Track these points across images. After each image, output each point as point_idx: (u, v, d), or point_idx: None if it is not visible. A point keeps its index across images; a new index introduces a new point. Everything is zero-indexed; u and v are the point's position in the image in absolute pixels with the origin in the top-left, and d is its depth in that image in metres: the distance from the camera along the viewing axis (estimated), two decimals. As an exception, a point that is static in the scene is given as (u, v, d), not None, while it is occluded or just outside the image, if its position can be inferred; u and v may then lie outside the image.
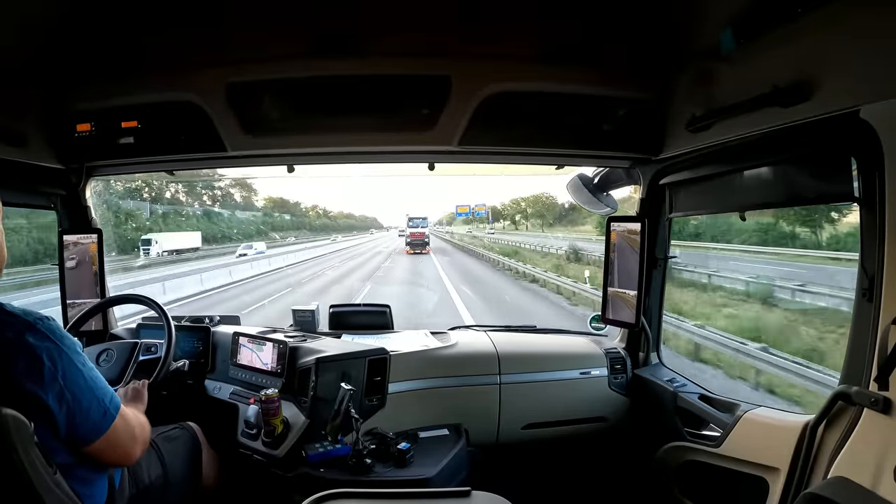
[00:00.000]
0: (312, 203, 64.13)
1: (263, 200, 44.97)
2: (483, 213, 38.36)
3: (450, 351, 2.02)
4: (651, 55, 1.55)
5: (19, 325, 0.98)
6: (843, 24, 0.98)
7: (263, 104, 1.63)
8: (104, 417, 1.06)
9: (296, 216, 51.27)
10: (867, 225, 1.13)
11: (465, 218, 44.24)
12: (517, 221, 41.50)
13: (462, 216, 42.50)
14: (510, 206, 43.00)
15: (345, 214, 76.44)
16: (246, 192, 39.20)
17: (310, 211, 58.46)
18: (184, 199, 32.08)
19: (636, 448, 1.95)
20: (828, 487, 1.06)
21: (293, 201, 52.63)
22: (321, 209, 63.10)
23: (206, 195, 34.19)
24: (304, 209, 55.68)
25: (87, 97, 1.65)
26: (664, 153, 1.66)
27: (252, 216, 38.33)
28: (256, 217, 39.26)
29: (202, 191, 33.29)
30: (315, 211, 60.38)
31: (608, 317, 1.98)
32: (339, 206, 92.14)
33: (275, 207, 47.57)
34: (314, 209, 60.26)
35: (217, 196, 35.46)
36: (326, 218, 63.21)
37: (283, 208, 49.61)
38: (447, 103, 1.58)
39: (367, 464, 1.57)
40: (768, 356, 5.36)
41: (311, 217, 57.42)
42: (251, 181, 47.00)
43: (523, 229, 39.06)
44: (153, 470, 1.40)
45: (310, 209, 58.58)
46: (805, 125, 1.14)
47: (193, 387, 1.97)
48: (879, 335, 1.04)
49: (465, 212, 38.22)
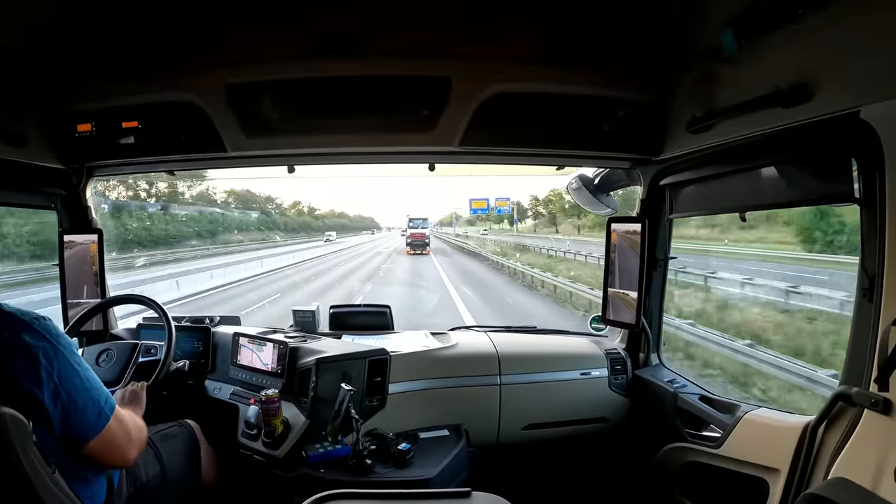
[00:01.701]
0: (293, 200, 54.88)
1: (224, 193, 35.97)
2: (506, 209, 31.08)
3: (450, 351, 2.02)
4: (652, 56, 1.55)
5: (16, 325, 0.98)
6: (843, 24, 0.98)
7: (264, 105, 1.63)
8: (99, 417, 1.06)
9: (266, 213, 42.22)
10: (867, 226, 1.13)
11: (480, 215, 36.59)
12: (555, 221, 33.17)
13: (478, 213, 34.01)
14: (545, 202, 35.01)
15: (336, 214, 69.64)
16: (195, 183, 29.63)
17: (290, 209, 50.93)
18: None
19: (636, 449, 1.95)
20: (828, 488, 1.06)
21: (263, 195, 43.33)
22: (304, 206, 55.09)
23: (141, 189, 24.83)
24: (278, 205, 46.82)
25: (87, 97, 1.65)
26: (665, 154, 1.66)
27: (198, 213, 29.07)
28: (204, 214, 29.61)
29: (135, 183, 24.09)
30: (297, 209, 52.91)
31: (608, 317, 1.98)
32: (330, 205, 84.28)
33: (238, 202, 38.91)
34: (296, 206, 52.80)
35: (160, 191, 26.26)
36: (312, 217, 55.39)
37: (249, 204, 40.37)
38: (447, 104, 1.58)
39: (367, 464, 1.57)
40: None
41: (291, 216, 49.60)
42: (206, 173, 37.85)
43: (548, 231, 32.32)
44: (151, 469, 1.40)
45: (290, 206, 51.19)
46: (806, 126, 1.14)
47: (193, 387, 1.97)
48: (880, 336, 1.04)
49: (483, 207, 29.63)
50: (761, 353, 5.51)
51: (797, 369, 4.94)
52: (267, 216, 41.74)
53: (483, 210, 30.77)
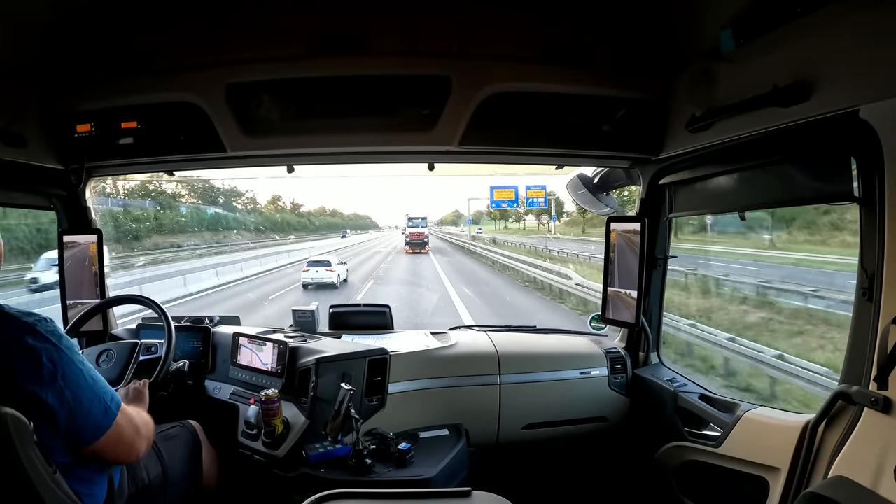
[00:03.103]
0: (273, 195, 47.61)
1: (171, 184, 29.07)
2: (540, 200, 22.35)
3: (450, 351, 2.02)
4: (651, 55, 1.55)
5: (19, 328, 0.99)
6: (842, 24, 0.98)
7: (263, 104, 1.62)
8: (106, 415, 1.07)
9: (230, 209, 34.00)
10: (867, 225, 1.13)
11: (507, 209, 28.73)
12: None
13: (501, 206, 25.80)
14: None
15: (329, 212, 64.21)
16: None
17: (269, 204, 45.12)
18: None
19: (636, 448, 1.95)
20: (828, 487, 1.06)
21: (227, 187, 34.89)
22: (285, 202, 48.34)
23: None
24: (251, 200, 40.07)
25: (86, 97, 1.65)
26: (664, 153, 1.66)
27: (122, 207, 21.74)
28: (130, 209, 22.27)
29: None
30: (275, 204, 46.67)
31: (608, 317, 1.98)
32: (320, 202, 76.05)
33: (193, 195, 31.12)
34: (274, 202, 46.75)
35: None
36: (295, 214, 48.44)
37: (209, 197, 32.35)
38: (447, 103, 1.58)
39: (367, 464, 1.57)
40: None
41: (268, 212, 42.88)
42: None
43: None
44: (152, 469, 1.40)
45: (269, 202, 45.44)
46: (805, 125, 1.14)
47: (193, 387, 1.97)
48: (879, 335, 1.04)
49: (509, 199, 21.66)
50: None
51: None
52: (230, 212, 33.71)
53: (510, 203, 23.27)
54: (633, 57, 1.57)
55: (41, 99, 1.62)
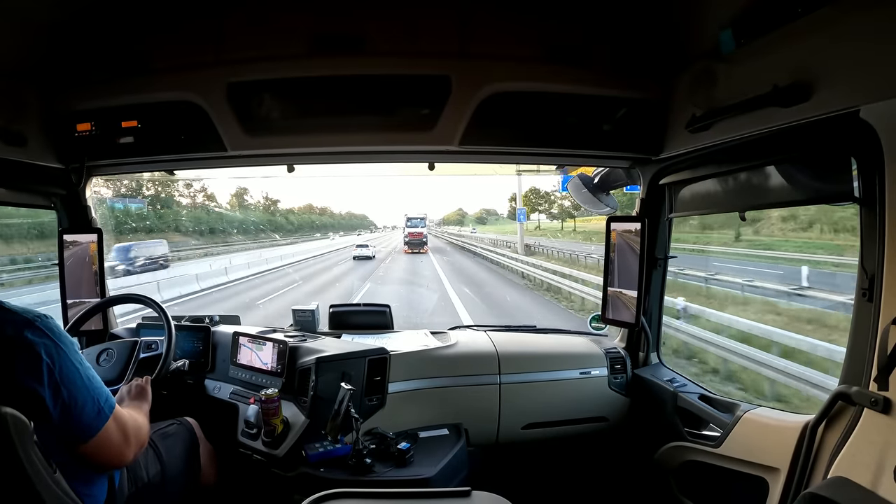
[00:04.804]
0: (239, 188, 43.37)
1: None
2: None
3: (450, 351, 2.02)
4: (651, 55, 1.55)
5: (19, 323, 0.99)
6: (842, 24, 0.98)
7: (263, 104, 1.62)
8: (98, 416, 1.06)
9: (165, 205, 27.83)
10: (867, 225, 1.13)
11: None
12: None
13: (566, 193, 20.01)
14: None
15: (318, 210, 59.65)
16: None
17: (233, 198, 40.27)
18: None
19: (636, 448, 1.95)
20: (828, 487, 1.06)
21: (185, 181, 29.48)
22: (262, 199, 43.24)
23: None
24: (207, 196, 33.96)
25: (87, 96, 1.65)
26: (664, 153, 1.66)
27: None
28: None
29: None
30: (264, 200, 41.75)
31: (608, 316, 1.98)
32: (312, 200, 70.26)
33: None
34: (239, 196, 42.04)
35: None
36: (270, 213, 43.55)
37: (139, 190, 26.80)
38: (447, 103, 1.58)
39: (367, 464, 1.57)
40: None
41: (227, 210, 36.88)
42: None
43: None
44: (152, 468, 1.40)
45: (234, 196, 40.89)
46: (805, 125, 1.14)
47: (193, 386, 1.97)
48: (879, 335, 1.04)
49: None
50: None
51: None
52: (165, 207, 26.86)
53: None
54: (633, 57, 1.57)
55: (41, 98, 1.62)
